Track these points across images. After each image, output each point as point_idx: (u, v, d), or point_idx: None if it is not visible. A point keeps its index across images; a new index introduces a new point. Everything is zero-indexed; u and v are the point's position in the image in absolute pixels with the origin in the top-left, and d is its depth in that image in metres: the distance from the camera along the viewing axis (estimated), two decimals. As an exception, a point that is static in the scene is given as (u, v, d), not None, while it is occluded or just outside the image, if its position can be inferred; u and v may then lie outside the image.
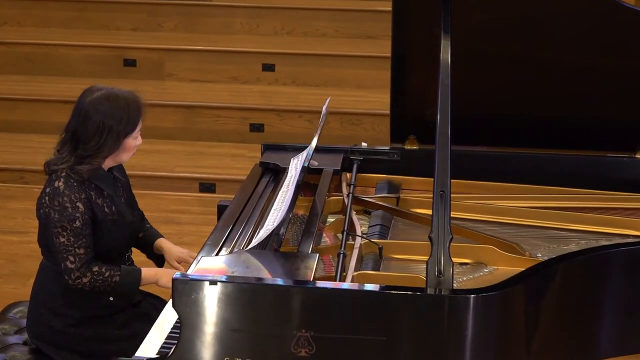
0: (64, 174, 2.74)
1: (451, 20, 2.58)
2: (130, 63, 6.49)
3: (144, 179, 5.33)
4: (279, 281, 2.29)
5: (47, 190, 2.77)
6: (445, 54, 2.52)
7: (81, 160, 2.74)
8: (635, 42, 2.94)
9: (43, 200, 2.78)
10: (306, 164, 2.62)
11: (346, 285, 2.35)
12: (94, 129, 2.72)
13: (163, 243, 3.03)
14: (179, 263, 2.97)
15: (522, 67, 3.03)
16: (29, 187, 5.49)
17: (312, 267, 2.37)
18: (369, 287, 2.29)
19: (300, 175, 2.57)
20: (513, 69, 3.03)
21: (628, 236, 2.87)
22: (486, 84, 3.08)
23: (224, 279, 2.24)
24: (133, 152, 2.84)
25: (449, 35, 2.54)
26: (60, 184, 2.73)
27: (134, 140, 2.80)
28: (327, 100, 3.11)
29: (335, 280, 2.43)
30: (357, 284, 2.39)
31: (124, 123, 2.74)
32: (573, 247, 2.77)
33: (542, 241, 2.85)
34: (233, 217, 2.83)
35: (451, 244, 2.27)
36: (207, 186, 5.51)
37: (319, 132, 2.85)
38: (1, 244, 4.79)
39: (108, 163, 2.82)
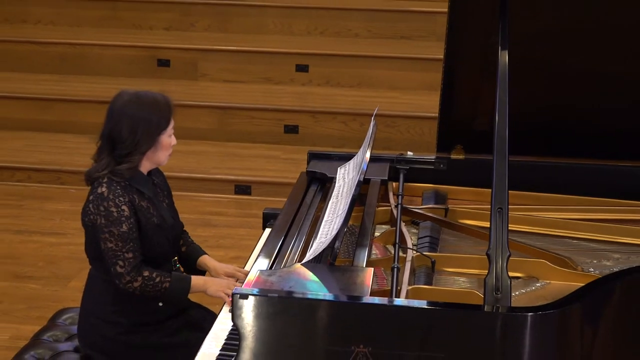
0: (105, 179, 2.78)
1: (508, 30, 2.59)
2: (163, 63, 6.54)
3: (180, 181, 5.36)
4: (338, 297, 2.31)
5: (91, 197, 2.81)
6: (504, 66, 2.53)
7: (120, 159, 2.79)
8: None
9: (87, 208, 2.81)
10: (362, 178, 2.64)
11: (405, 301, 2.36)
12: (128, 128, 2.77)
13: (207, 261, 3.03)
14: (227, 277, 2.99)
15: (577, 78, 3.02)
16: (65, 187, 5.55)
17: (368, 281, 2.39)
18: (428, 303, 2.30)
19: (356, 189, 2.58)
20: (568, 80, 3.03)
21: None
22: (537, 93, 3.07)
23: (283, 294, 2.27)
24: (169, 152, 2.87)
25: (507, 46, 2.54)
26: (104, 189, 2.77)
27: (169, 138, 2.84)
28: (376, 110, 3.13)
29: (389, 295, 2.45)
30: (416, 300, 2.40)
31: (156, 120, 2.79)
32: (616, 262, 2.79)
33: (588, 256, 2.86)
34: (284, 228, 2.86)
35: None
36: (242, 188, 5.53)
37: (371, 144, 2.86)
38: (40, 246, 4.84)
39: (146, 165, 2.85)
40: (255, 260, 2.65)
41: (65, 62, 6.59)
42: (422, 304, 2.29)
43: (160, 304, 2.87)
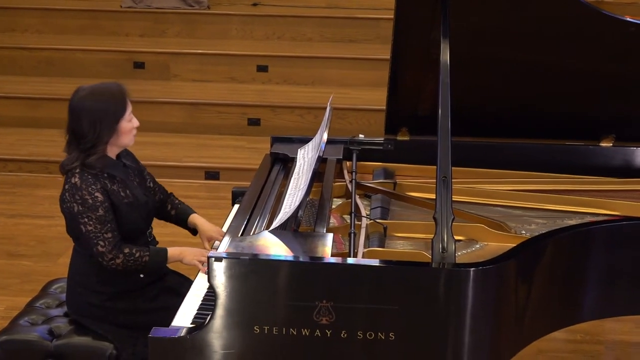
0: (77, 170, 2.69)
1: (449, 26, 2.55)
2: (139, 65, 6.42)
3: (156, 169, 5.11)
4: (302, 258, 2.26)
5: (66, 187, 2.71)
6: (445, 56, 2.49)
7: (87, 152, 2.68)
8: (606, 47, 2.92)
9: (64, 197, 2.72)
10: (321, 154, 2.59)
11: (362, 260, 2.32)
12: (87, 123, 2.65)
13: (196, 219, 2.98)
14: (209, 241, 2.92)
15: (506, 67, 3.00)
16: (53, 176, 5.41)
17: (328, 245, 2.34)
18: (382, 262, 2.27)
19: (316, 164, 2.53)
20: (499, 69, 3.00)
21: (597, 215, 2.86)
22: (475, 82, 3.04)
23: (253, 257, 2.22)
24: (132, 134, 2.74)
25: (448, 39, 2.51)
26: (77, 179, 2.68)
27: (128, 123, 2.71)
28: (331, 98, 3.07)
29: (348, 257, 2.41)
30: (370, 259, 2.36)
31: (112, 110, 2.67)
32: (543, 226, 2.77)
33: (520, 221, 2.83)
34: (252, 201, 2.80)
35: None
36: (212, 174, 5.47)
37: (328, 125, 2.81)
38: (32, 227, 4.73)
39: (113, 149, 2.75)
40: (228, 230, 2.58)
41: (51, 65, 6.44)
42: (377, 262, 2.25)
43: (142, 276, 2.79)
